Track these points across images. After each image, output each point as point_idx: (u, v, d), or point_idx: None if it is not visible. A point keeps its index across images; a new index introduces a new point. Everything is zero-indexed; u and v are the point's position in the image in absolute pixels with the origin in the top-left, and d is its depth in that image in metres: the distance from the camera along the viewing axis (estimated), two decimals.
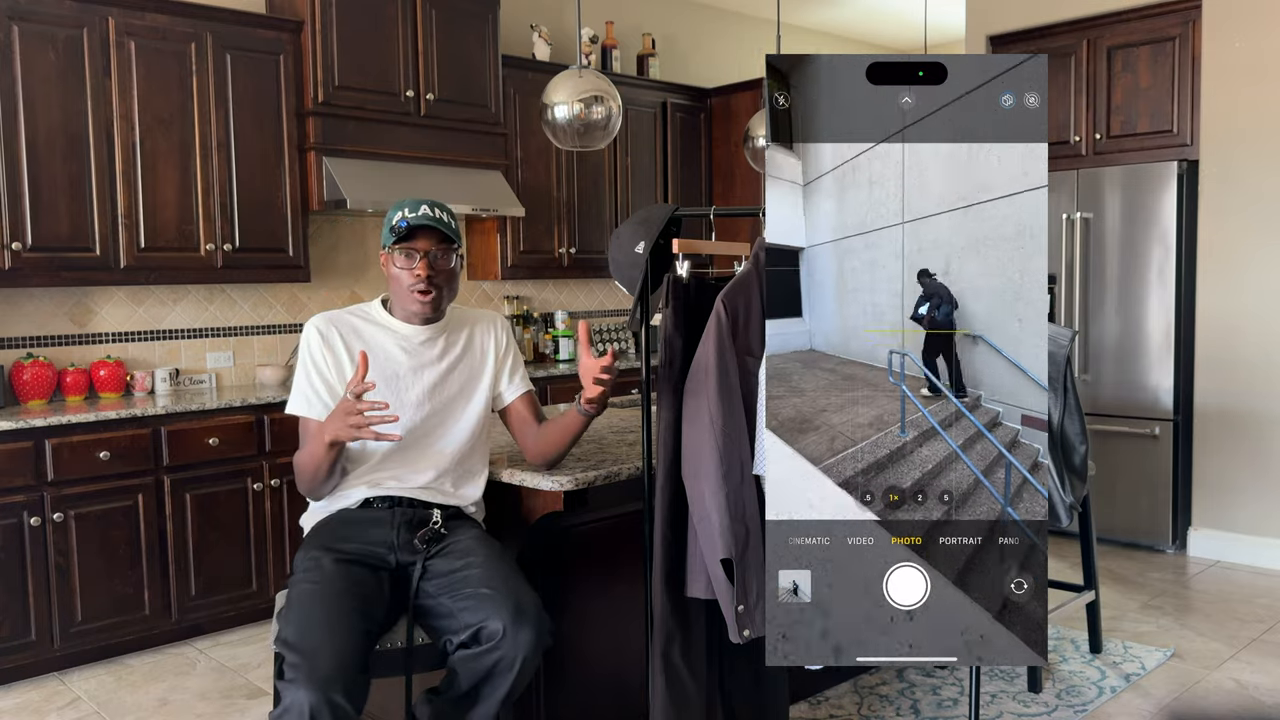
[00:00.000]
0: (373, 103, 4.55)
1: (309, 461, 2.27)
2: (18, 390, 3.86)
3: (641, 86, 5.85)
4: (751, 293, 2.34)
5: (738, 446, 2.28)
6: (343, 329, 2.39)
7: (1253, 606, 4.10)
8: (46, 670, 3.61)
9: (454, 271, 2.40)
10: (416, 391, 2.38)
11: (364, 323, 2.42)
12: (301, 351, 2.40)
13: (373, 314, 2.45)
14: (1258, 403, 4.59)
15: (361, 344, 2.37)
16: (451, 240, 2.35)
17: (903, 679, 3.37)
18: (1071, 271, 5.04)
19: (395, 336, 2.40)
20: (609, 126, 3.28)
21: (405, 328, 2.41)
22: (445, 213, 2.36)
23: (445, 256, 2.36)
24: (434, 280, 2.34)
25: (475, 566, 2.21)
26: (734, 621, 2.28)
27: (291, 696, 1.91)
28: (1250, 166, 4.58)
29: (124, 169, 3.95)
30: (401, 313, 2.42)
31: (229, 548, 3.98)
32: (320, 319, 2.40)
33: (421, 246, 2.32)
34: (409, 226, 2.30)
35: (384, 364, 2.37)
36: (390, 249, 2.34)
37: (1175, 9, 4.81)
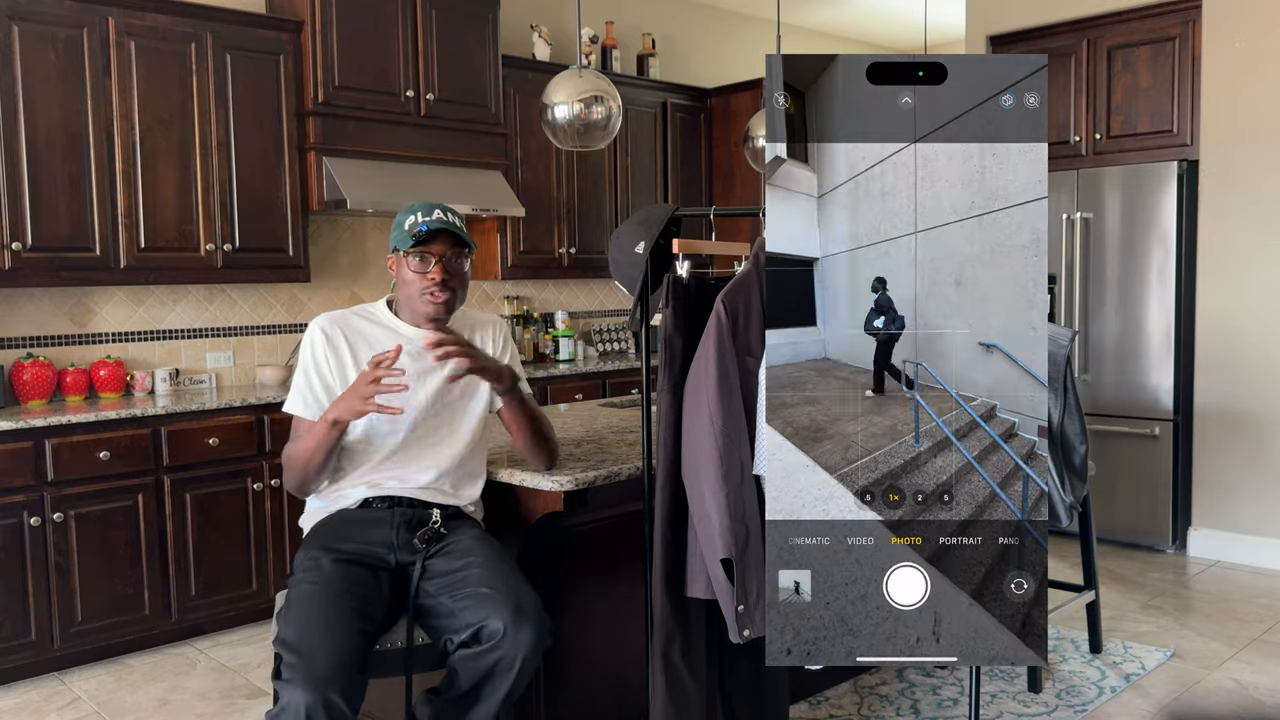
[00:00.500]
0: (373, 103, 4.55)
1: (301, 453, 2.26)
2: (18, 390, 3.86)
3: (641, 86, 5.85)
4: (751, 293, 2.34)
5: (738, 446, 2.28)
6: (347, 330, 2.39)
7: (1253, 606, 4.10)
8: (46, 670, 3.61)
9: (466, 275, 2.41)
10: (422, 395, 2.38)
11: (369, 324, 2.42)
12: (304, 351, 2.39)
13: (378, 315, 2.44)
14: (1257, 403, 4.59)
15: (366, 346, 2.37)
16: (465, 244, 2.37)
17: (903, 679, 3.37)
18: (1071, 271, 5.04)
19: (400, 339, 2.39)
20: (609, 126, 3.28)
21: (411, 330, 2.41)
22: (457, 217, 2.38)
23: (459, 260, 2.37)
24: (448, 283, 2.35)
25: (475, 566, 2.21)
26: (734, 621, 2.27)
27: (288, 696, 1.91)
28: (1250, 166, 4.58)
29: (124, 169, 3.95)
30: (410, 315, 2.42)
31: (229, 548, 3.98)
32: (325, 319, 2.40)
33: (437, 251, 2.33)
34: (428, 231, 2.31)
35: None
36: (404, 253, 2.34)
37: (1175, 9, 4.81)
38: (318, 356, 2.36)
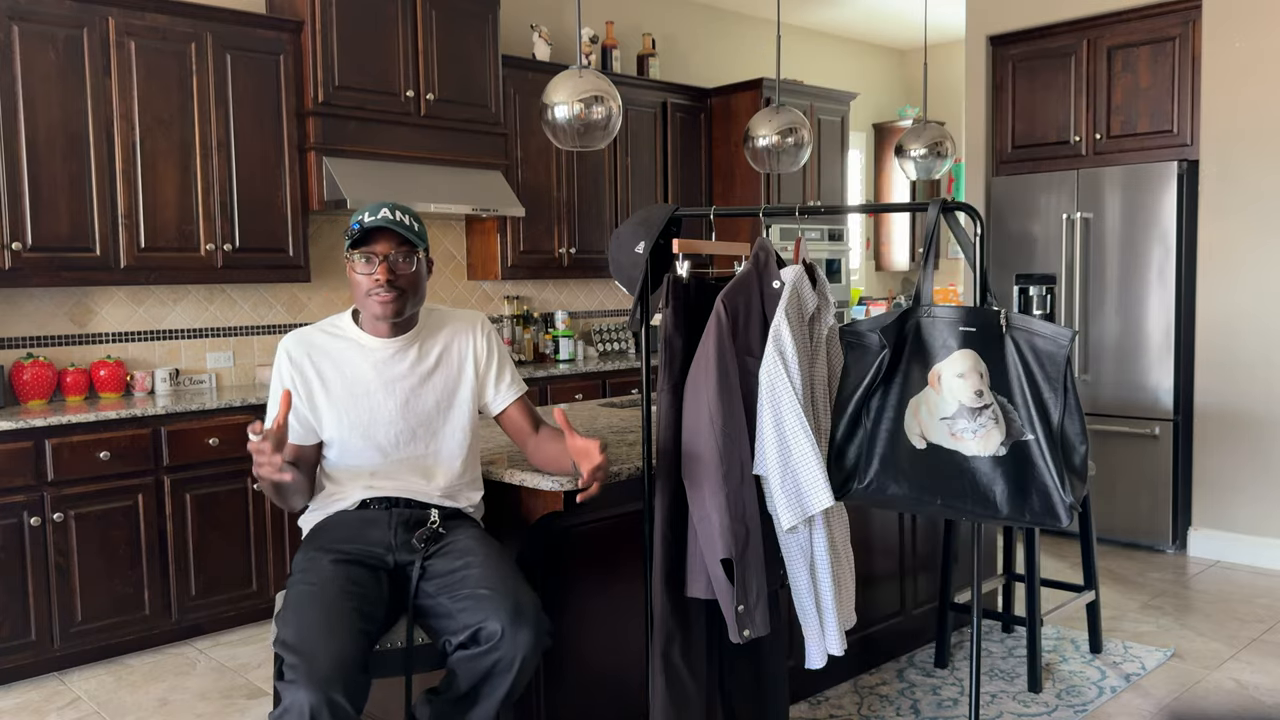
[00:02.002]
0: (373, 103, 4.55)
1: (267, 489, 2.23)
2: (18, 390, 3.86)
3: (641, 86, 5.85)
4: (751, 293, 2.34)
5: (738, 446, 2.28)
6: (312, 350, 2.35)
7: (1253, 606, 4.10)
8: (46, 670, 3.61)
9: (417, 275, 2.32)
10: (389, 409, 2.33)
11: (333, 339, 2.37)
12: (273, 376, 2.37)
13: (343, 328, 2.39)
14: (1257, 403, 4.59)
15: (330, 363, 2.33)
16: (412, 243, 2.29)
17: (902, 679, 3.37)
18: (1071, 271, 5.04)
19: (363, 351, 2.35)
20: (609, 126, 3.28)
21: (373, 341, 2.36)
22: (409, 216, 2.30)
23: (406, 260, 2.29)
24: (394, 284, 2.27)
25: (474, 566, 2.20)
26: (734, 621, 2.28)
27: (291, 697, 1.91)
28: (1250, 166, 4.58)
29: (124, 169, 3.95)
30: (369, 324, 2.36)
31: (229, 548, 3.98)
32: (291, 340, 2.36)
33: (380, 250, 2.26)
34: (363, 229, 2.25)
35: (353, 381, 2.33)
36: (349, 254, 2.29)
37: (1175, 9, 4.81)
38: (284, 380, 2.33)
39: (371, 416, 2.32)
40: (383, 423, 2.33)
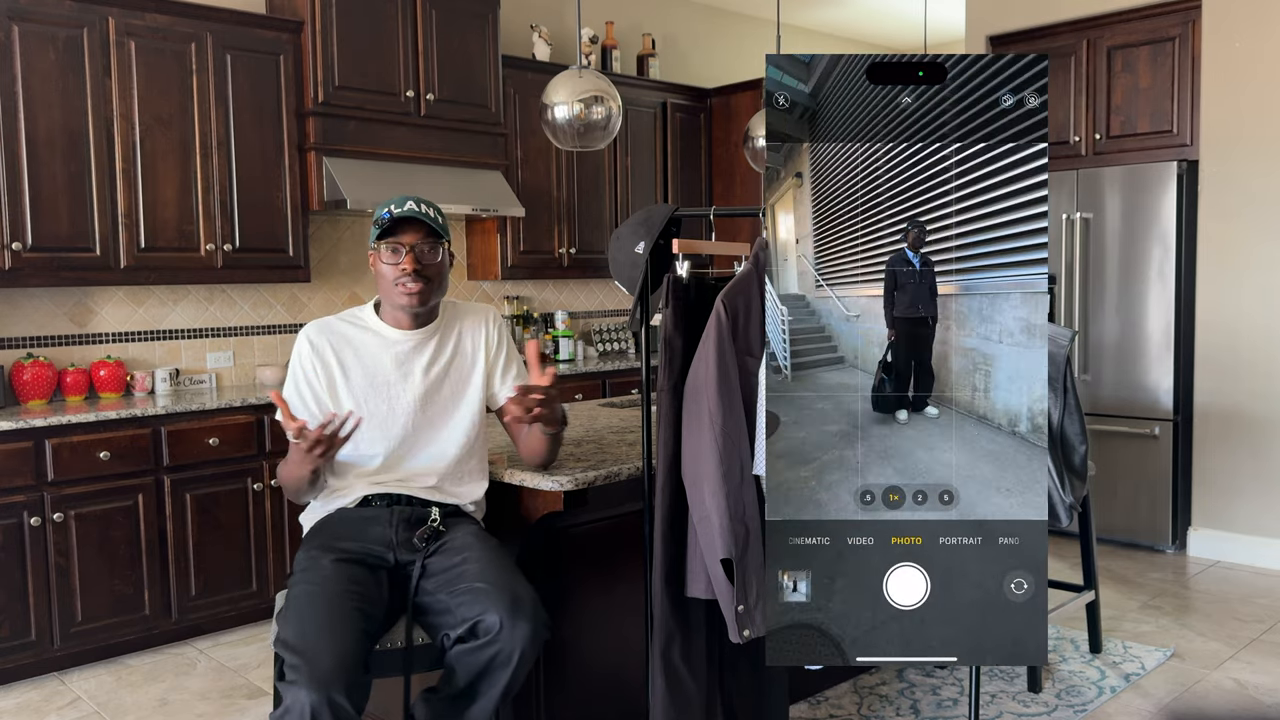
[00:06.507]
0: (373, 103, 4.55)
1: (293, 472, 2.25)
2: (18, 390, 3.86)
3: (641, 86, 5.85)
4: (751, 293, 2.34)
5: (738, 446, 2.28)
6: (334, 339, 2.38)
7: (1253, 606, 4.10)
8: (46, 670, 3.61)
9: (442, 266, 2.37)
10: (406, 400, 2.37)
11: (355, 329, 2.41)
12: (293, 363, 2.40)
13: (365, 319, 2.43)
14: (1257, 403, 4.59)
15: (351, 352, 2.36)
16: (438, 234, 2.34)
17: (903, 679, 3.37)
18: (1071, 271, 5.04)
19: (384, 343, 2.39)
20: (609, 126, 3.28)
21: (395, 333, 2.40)
22: (432, 209, 2.35)
23: (432, 251, 2.34)
24: (421, 273, 2.32)
25: (472, 561, 2.21)
26: (734, 622, 2.28)
27: (292, 697, 1.91)
28: (1250, 166, 4.58)
29: (124, 169, 3.95)
30: (391, 314, 2.40)
31: (229, 548, 3.98)
32: (312, 328, 2.39)
33: (407, 240, 2.31)
34: (392, 219, 2.30)
35: (373, 372, 2.36)
36: (376, 244, 2.33)
37: (1175, 9, 4.81)
38: (305, 368, 2.36)
39: (390, 407, 2.34)
40: (400, 414, 2.35)
